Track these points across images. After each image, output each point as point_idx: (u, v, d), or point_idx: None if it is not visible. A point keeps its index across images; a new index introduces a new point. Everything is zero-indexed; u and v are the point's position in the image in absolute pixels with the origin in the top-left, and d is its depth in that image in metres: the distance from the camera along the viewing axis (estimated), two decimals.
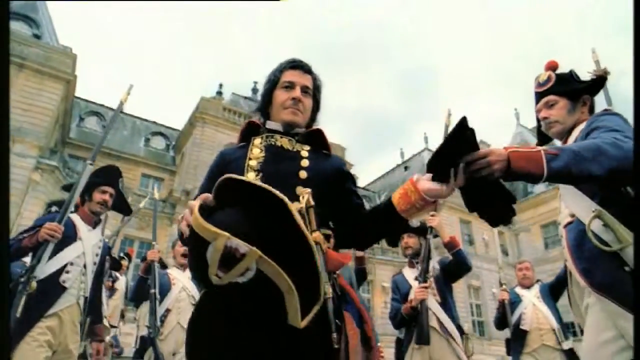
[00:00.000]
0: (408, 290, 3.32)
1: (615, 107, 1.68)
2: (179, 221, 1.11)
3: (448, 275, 3.32)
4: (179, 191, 19.07)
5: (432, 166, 1.13)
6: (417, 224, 3.40)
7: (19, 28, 16.78)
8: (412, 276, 3.37)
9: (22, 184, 13.78)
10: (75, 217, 2.73)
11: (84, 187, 2.68)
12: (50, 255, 2.42)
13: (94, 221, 2.84)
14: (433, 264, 3.33)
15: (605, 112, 1.66)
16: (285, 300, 0.96)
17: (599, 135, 1.45)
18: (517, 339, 3.69)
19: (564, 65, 1.95)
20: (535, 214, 25.92)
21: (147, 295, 3.47)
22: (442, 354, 3.01)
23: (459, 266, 3.21)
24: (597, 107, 1.84)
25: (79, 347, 2.64)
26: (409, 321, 3.16)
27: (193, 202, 1.03)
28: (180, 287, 3.65)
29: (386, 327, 18.75)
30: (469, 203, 1.15)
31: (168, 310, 3.53)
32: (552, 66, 1.88)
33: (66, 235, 2.50)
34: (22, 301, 2.19)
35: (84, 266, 2.64)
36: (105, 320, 4.00)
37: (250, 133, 1.47)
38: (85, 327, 2.70)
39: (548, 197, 24.19)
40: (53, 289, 2.46)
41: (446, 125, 3.05)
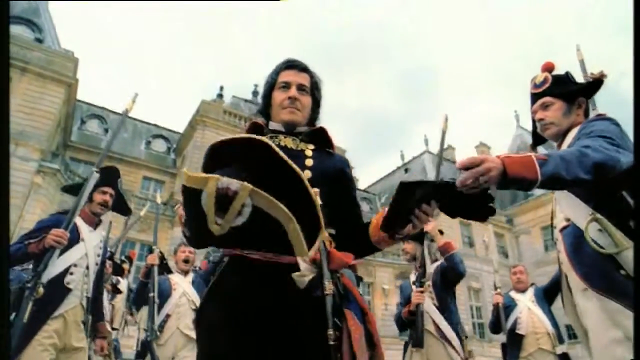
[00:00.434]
0: (410, 294, 3.39)
1: (615, 108, 1.65)
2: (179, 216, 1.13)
3: (445, 280, 3.35)
4: (179, 194, 19.09)
5: (389, 225, 1.16)
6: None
7: (21, 32, 16.87)
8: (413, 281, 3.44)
9: (25, 187, 13.85)
10: (77, 219, 2.74)
11: (84, 189, 2.70)
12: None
13: (95, 222, 2.88)
14: (433, 268, 3.37)
15: (598, 118, 1.65)
16: (288, 233, 0.96)
17: (585, 140, 1.46)
18: (513, 344, 3.68)
19: (564, 66, 1.91)
20: (536, 216, 25.93)
21: (147, 299, 3.48)
22: (438, 357, 3.06)
23: (451, 271, 3.24)
24: (598, 106, 1.82)
25: (84, 338, 2.66)
26: (409, 324, 3.24)
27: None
28: (181, 292, 3.67)
29: (386, 329, 18.75)
30: (449, 213, 1.14)
31: (168, 316, 3.54)
32: (549, 67, 1.86)
33: (69, 238, 2.53)
34: (29, 306, 2.23)
35: (87, 267, 2.68)
36: (107, 324, 4.04)
37: (254, 134, 1.46)
38: (88, 325, 2.74)
39: (548, 200, 24.10)
40: (58, 291, 2.50)
41: (443, 131, 3.08)
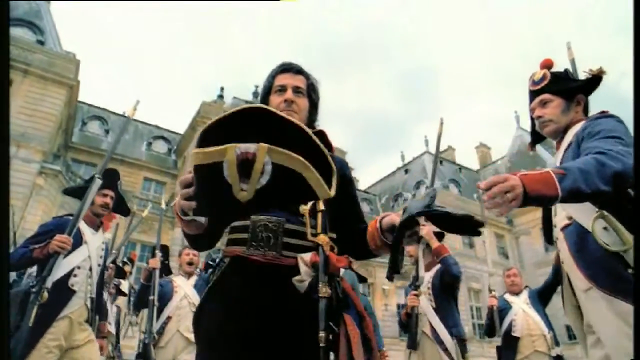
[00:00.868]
0: None
1: (615, 108, 1.63)
2: (176, 214, 1.14)
3: (443, 283, 3.37)
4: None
5: (394, 268, 1.18)
6: None
7: (23, 34, 16.94)
8: None
9: (27, 189, 13.93)
10: (80, 222, 2.78)
11: (84, 191, 2.75)
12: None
13: (97, 224, 2.93)
14: (434, 271, 3.41)
15: (601, 115, 1.64)
16: (307, 179, 0.98)
17: (597, 143, 1.44)
18: (508, 346, 3.69)
19: (564, 66, 1.90)
20: (536, 217, 25.90)
21: (148, 302, 3.53)
22: (433, 359, 3.11)
23: (446, 273, 3.27)
24: (598, 106, 1.79)
25: (91, 333, 2.71)
26: (406, 326, 3.33)
27: (177, 199, 1.09)
28: (182, 294, 3.71)
29: (386, 329, 18.81)
30: (445, 229, 1.18)
31: (169, 318, 3.58)
32: (547, 64, 1.85)
33: (73, 241, 2.59)
34: (34, 311, 2.28)
35: (90, 269, 2.74)
36: (109, 326, 4.09)
37: None
38: (95, 325, 2.80)
39: None
40: (63, 293, 2.55)
41: (439, 135, 3.12)
